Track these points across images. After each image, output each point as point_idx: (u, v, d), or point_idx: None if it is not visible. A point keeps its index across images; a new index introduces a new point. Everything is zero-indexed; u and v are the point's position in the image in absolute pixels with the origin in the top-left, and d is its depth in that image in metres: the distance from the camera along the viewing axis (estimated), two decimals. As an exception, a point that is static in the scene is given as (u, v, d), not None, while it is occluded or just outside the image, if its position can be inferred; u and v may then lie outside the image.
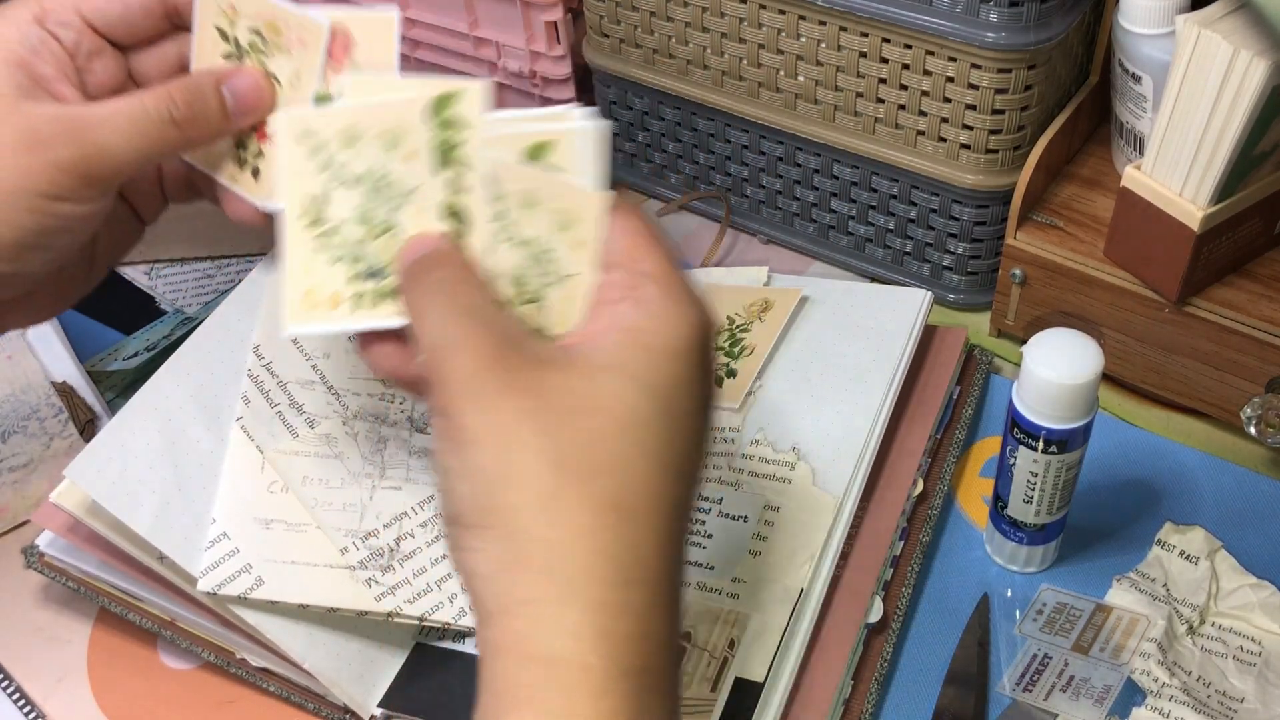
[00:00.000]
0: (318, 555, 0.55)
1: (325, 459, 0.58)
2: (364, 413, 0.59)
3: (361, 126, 0.44)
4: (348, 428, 0.58)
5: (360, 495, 0.57)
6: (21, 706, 0.59)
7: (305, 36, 0.47)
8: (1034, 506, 0.57)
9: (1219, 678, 0.56)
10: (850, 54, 0.67)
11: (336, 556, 0.56)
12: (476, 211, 0.42)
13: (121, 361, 0.72)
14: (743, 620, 0.55)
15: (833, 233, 0.77)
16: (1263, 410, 0.61)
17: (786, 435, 0.62)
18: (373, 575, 0.55)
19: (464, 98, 0.42)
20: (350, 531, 0.56)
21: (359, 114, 0.44)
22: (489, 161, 0.42)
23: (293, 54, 0.48)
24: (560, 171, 0.41)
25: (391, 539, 0.56)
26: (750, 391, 0.64)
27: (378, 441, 0.58)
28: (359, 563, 0.56)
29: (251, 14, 0.49)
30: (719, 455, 0.62)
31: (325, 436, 0.58)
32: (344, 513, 0.57)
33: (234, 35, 0.49)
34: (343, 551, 0.56)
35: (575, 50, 0.80)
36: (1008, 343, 0.73)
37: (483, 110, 0.42)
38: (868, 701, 0.55)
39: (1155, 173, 0.60)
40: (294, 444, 0.58)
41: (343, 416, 0.58)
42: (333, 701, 0.55)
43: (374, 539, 0.56)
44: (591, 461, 0.36)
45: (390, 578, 0.55)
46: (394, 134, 0.43)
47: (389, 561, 0.56)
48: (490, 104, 0.42)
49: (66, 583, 0.60)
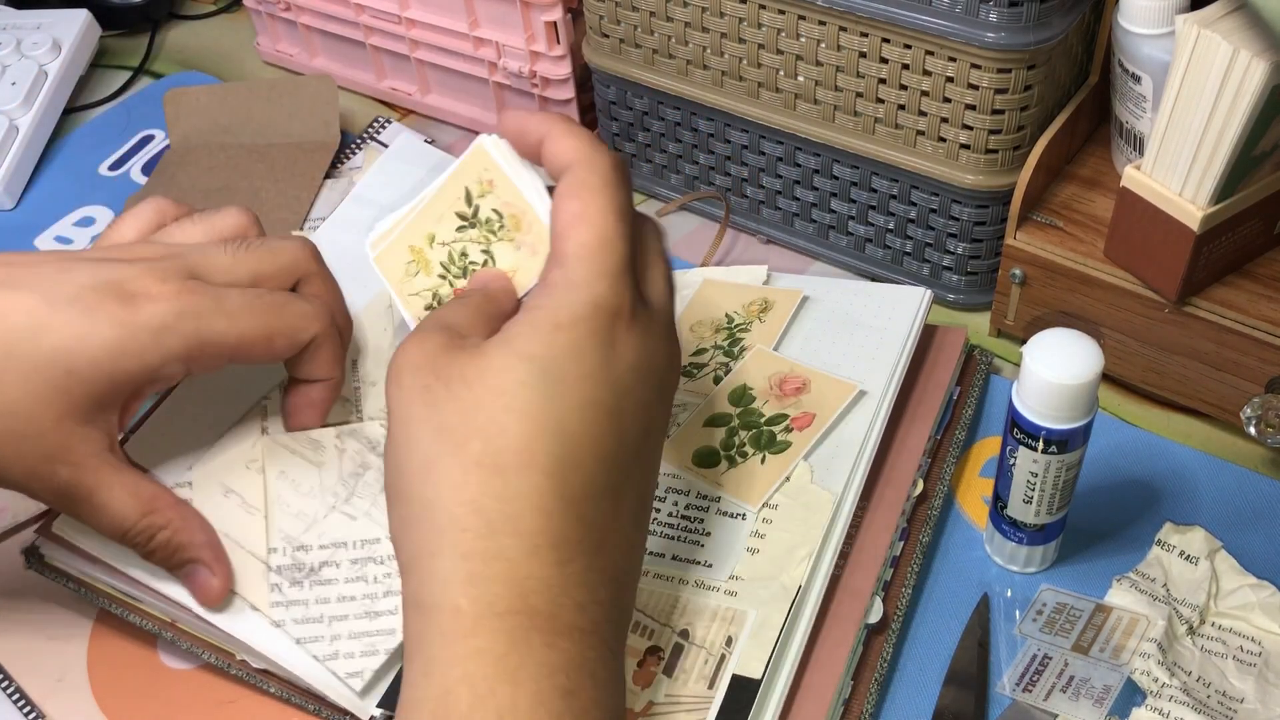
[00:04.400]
0: (250, 542, 0.56)
1: (306, 464, 0.58)
2: (360, 433, 0.59)
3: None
4: (339, 441, 0.58)
5: (316, 510, 0.57)
6: (21, 706, 0.59)
7: (540, 247, 0.49)
8: (1034, 506, 0.57)
9: (1219, 678, 0.55)
10: (850, 54, 0.67)
11: (263, 551, 0.56)
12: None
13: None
14: (740, 617, 0.55)
15: (832, 233, 0.77)
16: (1262, 410, 0.61)
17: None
18: (280, 583, 0.55)
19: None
20: (288, 537, 0.56)
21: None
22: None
23: (520, 252, 0.50)
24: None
25: (317, 561, 0.56)
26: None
27: (359, 466, 0.58)
28: (277, 567, 0.56)
29: (505, 199, 0.50)
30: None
31: (315, 442, 0.58)
32: (294, 519, 0.57)
33: (477, 204, 0.50)
34: (270, 550, 0.56)
35: (575, 50, 0.80)
36: (1008, 343, 0.73)
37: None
38: (867, 701, 0.55)
39: (1155, 173, 0.60)
40: (288, 437, 0.58)
41: (339, 430, 0.59)
42: (332, 703, 0.55)
43: (302, 553, 0.56)
44: (467, 427, 0.39)
45: (294, 592, 0.55)
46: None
47: (302, 579, 0.56)
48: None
49: (66, 583, 0.60)
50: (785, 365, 0.65)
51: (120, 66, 0.99)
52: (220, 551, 0.55)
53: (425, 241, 0.51)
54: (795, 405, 0.63)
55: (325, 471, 0.58)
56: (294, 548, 0.56)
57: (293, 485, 0.57)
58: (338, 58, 0.93)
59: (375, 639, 0.55)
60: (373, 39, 0.89)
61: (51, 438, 0.49)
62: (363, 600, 0.55)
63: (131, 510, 0.52)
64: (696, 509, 0.60)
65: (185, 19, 1.03)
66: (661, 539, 0.59)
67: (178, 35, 1.02)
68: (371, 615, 0.55)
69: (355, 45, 0.90)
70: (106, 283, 0.49)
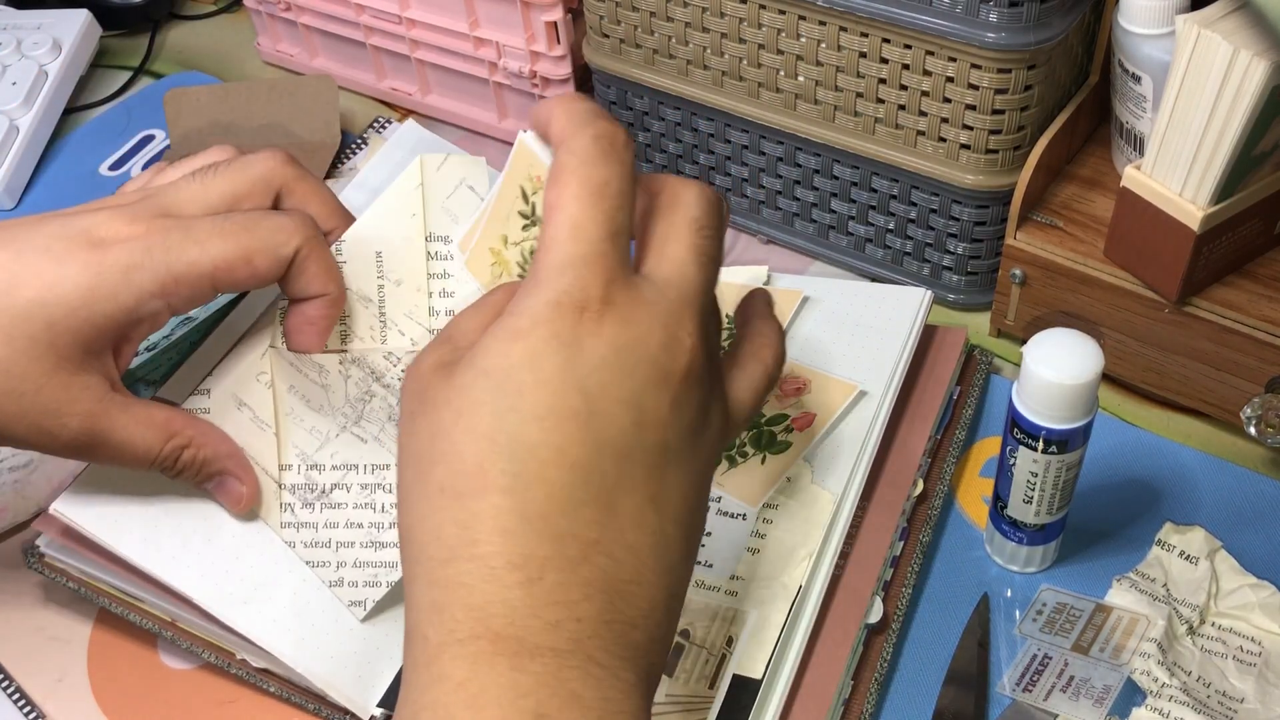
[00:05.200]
0: (263, 459, 0.56)
1: (313, 382, 0.57)
2: (363, 362, 0.57)
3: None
4: (342, 368, 0.57)
5: (329, 428, 0.56)
6: (21, 706, 0.59)
7: None
8: (1034, 506, 0.57)
9: (1219, 678, 0.55)
10: (850, 54, 0.67)
11: (275, 469, 0.56)
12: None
13: (122, 361, 0.72)
14: (741, 617, 0.55)
15: (833, 233, 0.77)
16: (1263, 410, 0.61)
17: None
18: (293, 503, 0.55)
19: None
20: (302, 453, 0.56)
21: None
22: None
23: None
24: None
25: (329, 483, 0.56)
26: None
27: (365, 394, 0.57)
28: (290, 485, 0.55)
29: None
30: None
31: (319, 366, 0.57)
32: (308, 434, 0.56)
33: (533, 201, 0.50)
34: (284, 468, 0.56)
35: (575, 50, 0.80)
36: (1008, 343, 0.73)
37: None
38: (868, 701, 0.55)
39: (1155, 173, 0.60)
40: (293, 356, 0.56)
41: (342, 357, 0.57)
42: (333, 702, 0.55)
43: (316, 473, 0.56)
44: (432, 453, 0.39)
45: (305, 514, 0.55)
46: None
47: (313, 500, 0.55)
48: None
49: (67, 583, 0.60)
50: (786, 365, 0.65)
51: (120, 66, 0.99)
52: (244, 459, 0.55)
53: (500, 243, 0.51)
54: (795, 405, 0.63)
55: (332, 394, 0.57)
56: (308, 465, 0.56)
57: (303, 400, 0.56)
58: (338, 58, 0.93)
59: (379, 570, 0.55)
60: (373, 39, 0.89)
61: (49, 391, 0.49)
62: (369, 529, 0.55)
63: (153, 440, 0.52)
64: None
65: (185, 19, 1.03)
66: (662, 539, 0.59)
67: (178, 35, 1.02)
68: (376, 545, 0.55)
69: (355, 45, 0.90)
70: (76, 231, 0.49)
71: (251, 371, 0.57)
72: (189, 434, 0.53)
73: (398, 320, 0.57)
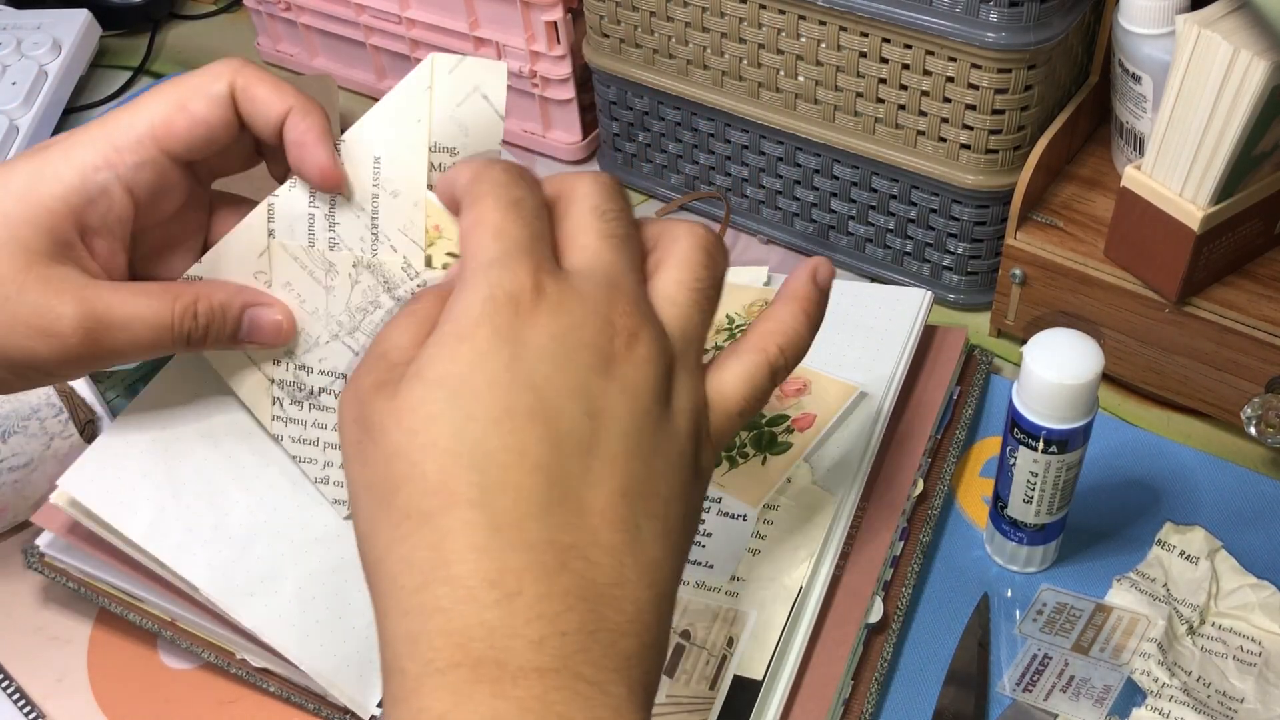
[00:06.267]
0: (255, 350, 0.54)
1: (315, 283, 0.54)
2: (378, 269, 0.54)
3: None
4: (354, 271, 0.54)
5: (319, 333, 0.54)
6: (21, 706, 0.59)
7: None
8: (1034, 506, 0.57)
9: (1219, 678, 0.55)
10: (850, 54, 0.67)
11: (269, 364, 0.54)
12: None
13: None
14: (742, 618, 0.55)
15: (833, 233, 0.77)
16: (1263, 410, 0.61)
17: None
18: (281, 397, 0.54)
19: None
20: (289, 351, 0.54)
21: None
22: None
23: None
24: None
25: (317, 386, 0.54)
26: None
27: (370, 303, 0.54)
28: (279, 380, 0.54)
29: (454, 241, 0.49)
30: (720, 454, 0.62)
31: (329, 264, 0.54)
32: (297, 334, 0.54)
33: (428, 253, 0.50)
34: (274, 361, 0.54)
35: (575, 50, 0.80)
36: (1008, 343, 0.73)
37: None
38: (868, 701, 0.55)
39: (1155, 173, 0.60)
40: (300, 250, 0.54)
41: (357, 259, 0.54)
42: (333, 702, 0.55)
43: (303, 373, 0.54)
44: (391, 478, 0.37)
45: (294, 411, 0.54)
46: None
47: (302, 399, 0.54)
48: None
49: (66, 583, 0.60)
50: None
51: (120, 66, 0.99)
52: (258, 290, 0.52)
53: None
54: (796, 406, 0.63)
55: (333, 297, 0.54)
56: (295, 365, 0.54)
57: (298, 300, 0.54)
58: (338, 58, 0.93)
59: None
60: (373, 39, 0.89)
61: (31, 287, 0.47)
62: None
63: (160, 306, 0.49)
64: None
65: (185, 19, 1.03)
66: (662, 539, 0.59)
67: (178, 35, 1.02)
68: None
69: (355, 45, 0.90)
70: (28, 148, 0.48)
71: (249, 269, 0.54)
72: (194, 290, 0.50)
73: (390, 234, 0.54)
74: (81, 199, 0.48)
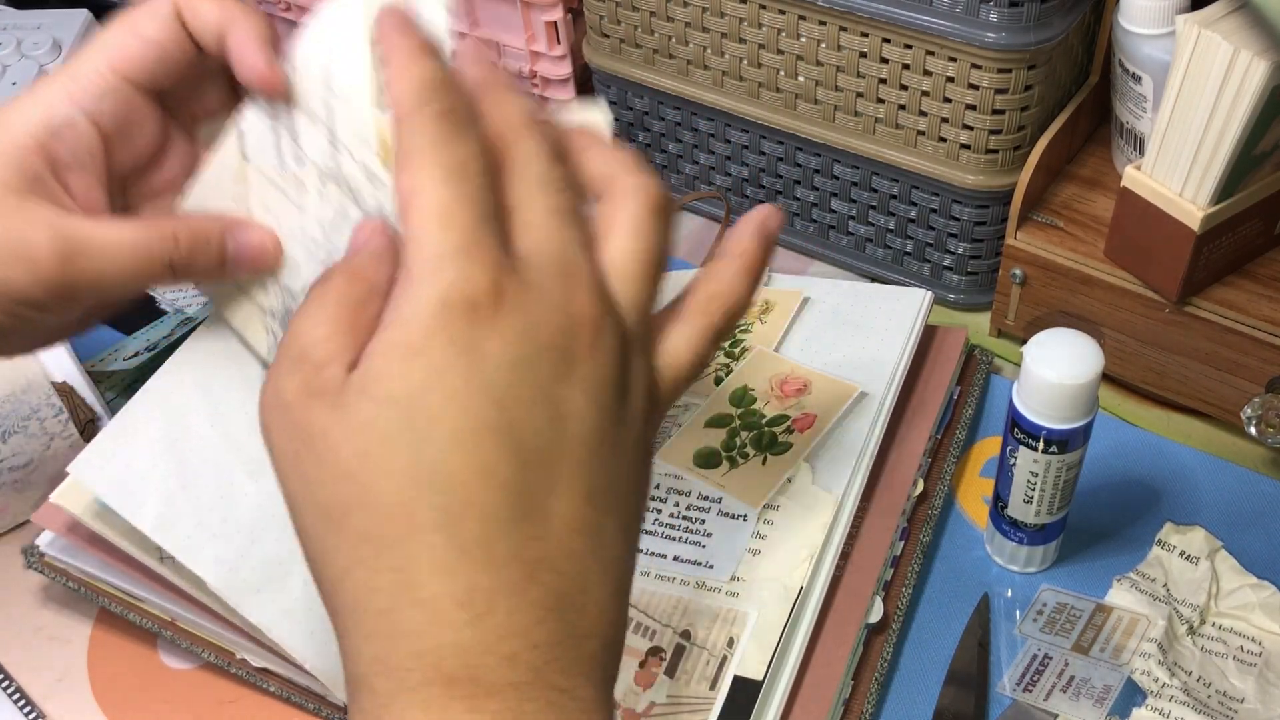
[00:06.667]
0: (246, 279, 0.52)
1: (288, 202, 0.52)
2: (342, 179, 0.51)
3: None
4: (320, 184, 0.51)
5: (299, 256, 0.52)
6: (21, 706, 0.59)
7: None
8: (1034, 506, 0.57)
9: (1219, 678, 0.55)
10: (850, 54, 0.67)
11: (260, 293, 0.52)
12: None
13: (122, 362, 0.72)
14: (742, 618, 0.55)
15: (833, 233, 0.77)
16: (1263, 410, 0.61)
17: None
18: (274, 327, 0.52)
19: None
20: (274, 276, 0.52)
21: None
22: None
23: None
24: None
25: None
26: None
27: (339, 215, 0.51)
28: (270, 310, 0.52)
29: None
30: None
31: (298, 180, 0.52)
32: (283, 258, 0.52)
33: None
34: (263, 289, 0.52)
35: (575, 50, 0.80)
36: (1008, 343, 0.73)
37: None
38: (868, 701, 0.55)
39: (1155, 173, 0.60)
40: (272, 170, 0.52)
41: (321, 171, 0.51)
42: (333, 702, 0.55)
43: (291, 300, 0.52)
44: (340, 498, 0.35)
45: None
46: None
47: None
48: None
49: (66, 583, 0.60)
50: (786, 366, 0.65)
51: (120, 66, 0.99)
52: (236, 217, 0.51)
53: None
54: (796, 406, 0.63)
55: (306, 216, 0.52)
56: (280, 288, 0.52)
57: (276, 222, 0.52)
58: (338, 58, 0.93)
59: None
60: (373, 39, 0.89)
61: (5, 216, 0.46)
62: None
63: (140, 235, 0.48)
64: (698, 510, 0.60)
65: (185, 19, 1.03)
66: (663, 540, 0.59)
67: (178, 35, 1.02)
68: None
69: (355, 45, 0.90)
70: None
71: (227, 196, 0.52)
72: (173, 221, 0.49)
73: (349, 142, 0.51)
74: (47, 133, 0.47)
